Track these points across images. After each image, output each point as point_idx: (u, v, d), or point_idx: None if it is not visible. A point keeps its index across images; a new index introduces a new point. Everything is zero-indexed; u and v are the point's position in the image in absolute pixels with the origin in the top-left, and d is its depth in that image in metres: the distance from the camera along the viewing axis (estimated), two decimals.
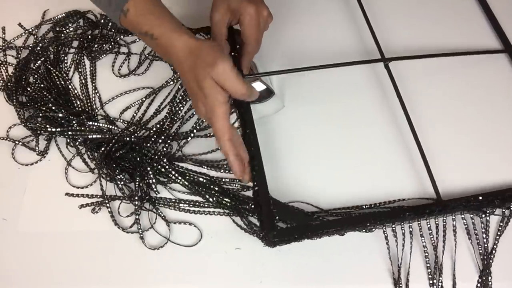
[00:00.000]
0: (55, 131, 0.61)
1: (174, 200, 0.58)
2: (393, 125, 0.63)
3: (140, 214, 0.56)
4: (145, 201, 0.57)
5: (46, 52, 0.69)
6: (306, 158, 0.61)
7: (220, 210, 0.57)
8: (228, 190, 0.58)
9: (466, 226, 0.55)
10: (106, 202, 0.57)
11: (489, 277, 0.52)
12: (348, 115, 0.64)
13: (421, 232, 0.54)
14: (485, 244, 0.54)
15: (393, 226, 0.54)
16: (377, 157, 0.61)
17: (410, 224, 0.55)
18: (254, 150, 0.52)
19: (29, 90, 0.65)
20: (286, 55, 0.70)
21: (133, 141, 0.60)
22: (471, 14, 0.76)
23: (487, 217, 0.55)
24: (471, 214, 0.56)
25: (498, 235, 0.55)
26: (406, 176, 0.59)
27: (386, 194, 0.58)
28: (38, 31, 0.72)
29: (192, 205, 0.57)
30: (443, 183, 0.58)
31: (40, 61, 0.68)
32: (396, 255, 0.54)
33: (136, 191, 0.57)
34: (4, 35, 0.72)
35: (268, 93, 0.63)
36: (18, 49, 0.70)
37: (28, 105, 0.63)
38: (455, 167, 0.60)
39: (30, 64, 0.67)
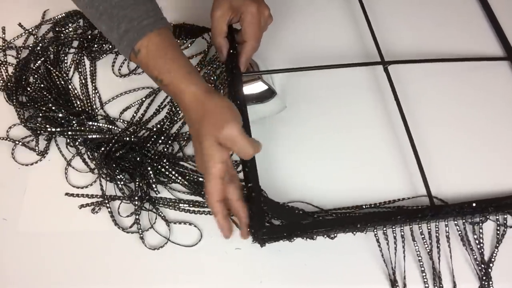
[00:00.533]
0: (55, 131, 0.61)
1: (174, 200, 0.58)
2: (391, 127, 0.63)
3: (140, 214, 0.56)
4: (145, 201, 0.57)
5: (46, 52, 0.69)
6: (304, 159, 0.61)
7: None
8: None
9: (460, 232, 0.55)
10: (106, 202, 0.57)
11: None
12: (347, 116, 0.64)
13: (413, 237, 0.54)
14: (479, 250, 0.54)
15: (384, 229, 0.54)
16: (374, 159, 0.61)
17: (402, 228, 0.54)
18: None
19: (29, 90, 0.65)
20: (288, 56, 0.70)
21: (133, 141, 0.60)
22: (474, 19, 0.75)
23: (480, 224, 0.54)
24: (464, 220, 0.55)
25: (498, 244, 0.54)
26: (402, 179, 0.59)
27: (383, 196, 0.58)
28: (38, 31, 0.72)
29: (192, 205, 0.57)
30: (439, 188, 0.57)
31: (40, 61, 0.68)
32: (389, 258, 0.54)
33: (136, 191, 0.57)
34: (4, 35, 0.72)
35: (270, 94, 0.63)
36: (18, 49, 0.70)
37: (28, 105, 0.63)
38: (452, 172, 0.60)
39: (30, 64, 0.67)
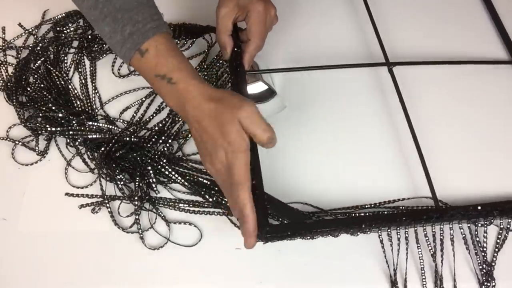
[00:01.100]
0: (55, 131, 0.61)
1: (174, 200, 0.58)
2: (395, 129, 0.63)
3: (140, 214, 0.56)
4: (145, 201, 0.56)
5: (46, 52, 0.69)
6: (307, 159, 0.61)
7: (220, 210, 0.57)
8: None
9: (464, 236, 0.54)
10: (106, 202, 0.57)
11: None
12: (349, 117, 0.64)
13: (417, 239, 0.54)
14: (483, 254, 0.54)
15: (389, 230, 0.53)
16: (377, 160, 0.61)
17: (406, 230, 0.54)
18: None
19: (29, 90, 0.65)
20: (291, 56, 0.70)
21: (133, 141, 0.60)
22: (479, 22, 0.75)
23: (485, 227, 0.54)
24: (468, 223, 0.54)
25: (498, 249, 0.54)
26: (406, 181, 0.59)
27: (385, 197, 0.57)
28: (38, 31, 0.72)
29: (192, 205, 0.57)
30: (444, 190, 0.57)
31: (40, 61, 0.67)
32: (391, 258, 0.53)
33: (136, 191, 0.57)
34: (4, 35, 0.72)
35: (270, 93, 0.63)
36: (18, 49, 0.70)
37: (28, 105, 0.63)
38: (457, 174, 0.60)
39: (30, 64, 0.67)
